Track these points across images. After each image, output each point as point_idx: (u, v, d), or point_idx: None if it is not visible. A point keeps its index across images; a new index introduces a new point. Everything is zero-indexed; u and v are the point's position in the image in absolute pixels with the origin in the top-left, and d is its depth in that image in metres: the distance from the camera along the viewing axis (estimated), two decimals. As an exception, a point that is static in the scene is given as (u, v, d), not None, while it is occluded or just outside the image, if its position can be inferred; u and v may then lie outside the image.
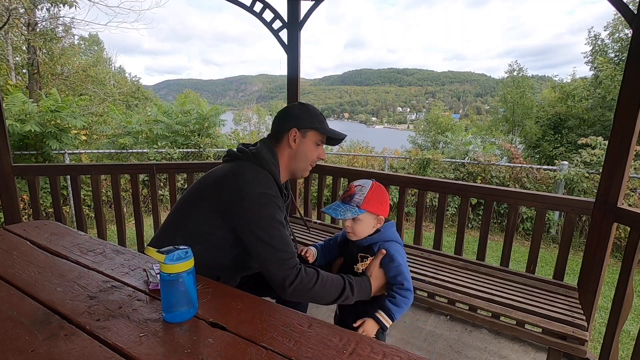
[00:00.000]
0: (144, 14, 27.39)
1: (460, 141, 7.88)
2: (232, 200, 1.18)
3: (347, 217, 1.24)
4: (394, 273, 1.25)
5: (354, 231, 1.28)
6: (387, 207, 1.29)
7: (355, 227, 1.27)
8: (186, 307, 0.91)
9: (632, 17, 1.68)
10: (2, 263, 1.19)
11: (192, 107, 7.30)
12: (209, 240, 1.23)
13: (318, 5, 2.65)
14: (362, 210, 1.23)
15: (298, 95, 2.88)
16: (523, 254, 4.50)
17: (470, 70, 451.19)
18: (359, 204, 1.23)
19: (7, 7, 7.41)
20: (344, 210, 1.24)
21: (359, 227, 1.27)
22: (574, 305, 1.78)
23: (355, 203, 1.24)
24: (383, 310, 1.23)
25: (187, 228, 1.26)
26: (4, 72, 8.64)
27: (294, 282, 1.13)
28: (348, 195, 1.27)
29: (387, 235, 1.30)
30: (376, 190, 1.27)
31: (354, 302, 1.23)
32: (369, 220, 1.27)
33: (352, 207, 1.24)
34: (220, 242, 1.24)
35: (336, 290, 1.19)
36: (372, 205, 1.25)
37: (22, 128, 4.88)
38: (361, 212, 1.23)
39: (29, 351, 0.78)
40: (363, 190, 1.26)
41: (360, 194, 1.25)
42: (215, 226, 1.22)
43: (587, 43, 10.96)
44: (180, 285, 0.89)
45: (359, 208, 1.23)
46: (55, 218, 2.65)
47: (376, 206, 1.26)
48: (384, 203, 1.28)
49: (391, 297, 1.25)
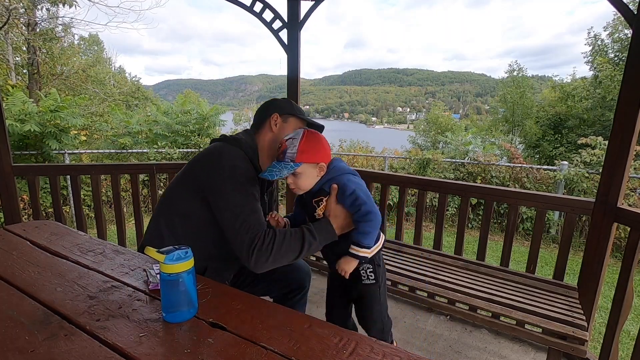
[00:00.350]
0: (144, 14, 27.38)
1: (460, 141, 7.88)
2: (203, 173, 1.23)
3: (284, 174, 1.16)
4: (350, 201, 1.19)
5: (299, 186, 1.21)
6: (326, 152, 1.22)
7: (298, 182, 1.20)
8: (186, 307, 0.91)
9: (632, 17, 1.68)
10: (2, 263, 1.19)
11: (192, 107, 7.30)
12: (190, 221, 1.26)
13: (318, 5, 2.65)
14: (298, 164, 1.16)
15: (298, 95, 2.88)
16: (523, 254, 4.50)
17: (470, 70, 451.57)
18: (293, 157, 1.15)
19: (7, 7, 7.41)
20: (279, 169, 1.16)
21: (302, 180, 1.20)
22: (574, 305, 1.78)
23: (290, 158, 1.16)
24: (353, 244, 1.19)
25: (169, 211, 1.30)
26: (4, 72, 8.64)
27: (255, 246, 1.12)
28: (281, 152, 1.18)
29: (334, 172, 1.23)
30: (308, 138, 1.18)
31: (321, 247, 1.20)
32: (310, 171, 1.19)
33: (287, 164, 1.16)
34: (200, 222, 1.26)
35: (296, 241, 1.16)
36: (308, 155, 1.17)
37: (21, 128, 4.88)
38: (297, 166, 1.16)
39: (29, 351, 0.78)
40: (294, 142, 1.17)
41: (292, 147, 1.16)
42: (193, 205, 1.25)
43: (587, 43, 10.97)
44: (180, 285, 0.89)
45: (294, 162, 1.15)
46: (55, 218, 2.65)
47: (312, 154, 1.18)
48: (321, 149, 1.20)
49: (356, 227, 1.21)
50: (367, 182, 2.77)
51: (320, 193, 1.24)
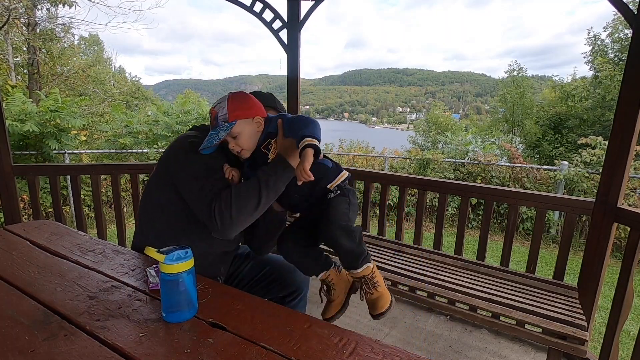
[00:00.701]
0: (144, 14, 27.38)
1: (460, 141, 7.88)
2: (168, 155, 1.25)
3: (222, 136, 1.11)
4: (289, 126, 1.15)
5: (242, 146, 1.15)
6: (258, 106, 1.19)
7: (240, 142, 1.15)
8: (186, 307, 0.91)
9: (632, 17, 1.68)
10: (2, 263, 1.19)
11: (192, 107, 7.30)
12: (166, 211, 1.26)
13: (318, 5, 2.65)
14: (232, 123, 1.11)
15: (298, 95, 2.88)
16: (523, 254, 4.50)
17: (470, 70, 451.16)
18: (226, 118, 1.12)
19: (7, 7, 7.41)
20: (216, 134, 1.12)
21: (243, 140, 1.15)
22: (574, 305, 1.78)
23: (222, 119, 1.12)
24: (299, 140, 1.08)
25: (150, 202, 1.31)
26: (4, 72, 8.64)
27: (215, 206, 1.10)
28: (213, 118, 1.15)
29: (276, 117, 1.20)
30: (236, 97, 1.16)
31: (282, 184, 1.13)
32: (248, 128, 1.15)
33: (222, 126, 1.12)
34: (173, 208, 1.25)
35: (253, 185, 1.13)
36: (240, 111, 1.13)
37: (21, 128, 4.88)
38: (232, 125, 1.11)
39: (29, 351, 0.78)
40: (222, 104, 1.14)
41: (222, 109, 1.14)
42: (165, 192, 1.25)
43: (587, 43, 10.97)
44: (180, 285, 0.89)
45: (228, 122, 1.11)
46: (55, 218, 2.65)
47: (244, 110, 1.14)
48: (253, 106, 1.17)
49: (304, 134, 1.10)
50: (367, 182, 2.79)
51: (268, 137, 1.19)
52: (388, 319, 2.38)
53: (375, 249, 2.46)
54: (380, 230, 2.78)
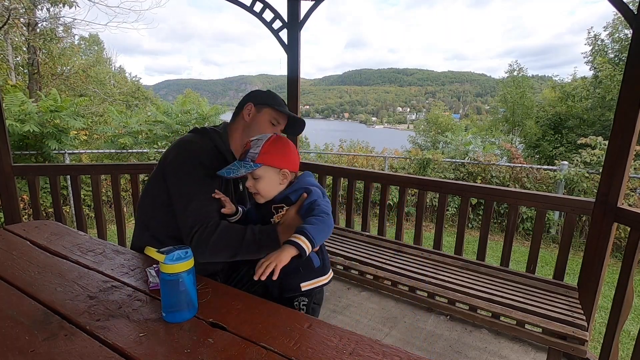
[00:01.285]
0: (144, 14, 27.39)
1: (460, 141, 7.88)
2: (166, 160, 1.25)
3: (241, 173, 1.07)
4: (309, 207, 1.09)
5: (258, 190, 1.12)
6: (292, 160, 1.13)
7: (258, 186, 1.11)
8: (186, 307, 0.91)
9: (632, 17, 1.68)
10: (2, 263, 1.19)
11: (192, 107, 7.30)
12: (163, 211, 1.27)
13: (318, 5, 2.65)
14: (257, 165, 1.07)
15: (298, 95, 2.88)
16: (523, 254, 4.49)
17: (471, 70, 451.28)
18: (254, 157, 1.07)
19: (7, 7, 7.41)
20: (237, 168, 1.08)
21: (262, 185, 1.10)
22: (574, 305, 1.78)
23: (250, 157, 1.07)
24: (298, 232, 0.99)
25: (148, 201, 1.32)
26: (4, 72, 8.64)
27: (195, 232, 1.12)
28: (244, 152, 1.10)
29: (303, 183, 1.14)
30: (275, 142, 1.10)
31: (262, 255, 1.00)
32: (272, 176, 1.10)
33: (246, 163, 1.07)
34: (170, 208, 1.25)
35: (236, 237, 1.13)
36: (271, 158, 1.08)
37: (21, 128, 4.88)
38: (257, 167, 1.07)
39: (29, 351, 0.78)
40: (259, 142, 1.09)
41: (255, 147, 1.08)
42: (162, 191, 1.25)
43: (587, 43, 10.96)
44: (180, 285, 0.89)
45: (254, 162, 1.07)
46: (55, 218, 2.65)
47: (276, 158, 1.09)
48: (287, 155, 1.11)
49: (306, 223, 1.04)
50: (367, 182, 2.79)
51: (284, 201, 1.14)
52: (388, 319, 2.39)
53: (375, 249, 2.46)
54: (380, 230, 2.78)
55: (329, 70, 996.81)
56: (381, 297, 2.64)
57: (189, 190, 1.18)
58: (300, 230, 1.00)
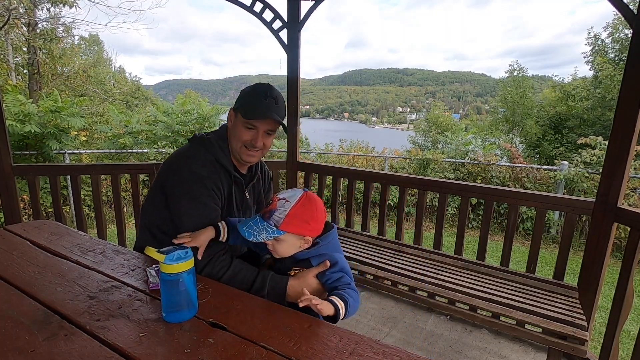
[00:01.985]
0: (144, 13, 27.40)
1: (460, 141, 7.88)
2: (167, 176, 1.24)
3: (261, 239, 1.04)
4: (339, 276, 1.08)
5: (276, 250, 1.10)
6: (316, 226, 1.09)
7: (276, 247, 1.08)
8: (186, 307, 0.91)
9: (632, 17, 1.68)
10: (2, 263, 1.19)
11: (192, 107, 7.30)
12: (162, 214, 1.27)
13: (318, 5, 2.65)
14: (280, 232, 1.03)
15: (298, 95, 2.88)
16: (523, 254, 4.49)
17: (471, 70, 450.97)
18: (278, 223, 1.02)
19: (7, 7, 7.41)
20: (259, 231, 1.03)
21: (281, 247, 1.08)
22: (574, 305, 1.78)
23: (275, 222, 1.03)
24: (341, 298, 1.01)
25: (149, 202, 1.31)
26: (4, 72, 8.64)
27: (207, 264, 1.14)
28: (268, 211, 1.05)
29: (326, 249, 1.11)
30: (303, 207, 1.04)
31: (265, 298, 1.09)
32: (293, 241, 1.07)
33: (269, 227, 1.03)
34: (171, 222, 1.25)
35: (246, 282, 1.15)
36: (295, 226, 1.03)
37: (22, 129, 4.88)
38: (280, 234, 1.03)
39: (29, 351, 0.78)
40: (286, 206, 1.04)
41: (281, 210, 1.03)
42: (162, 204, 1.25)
43: (587, 43, 10.96)
44: (180, 285, 0.89)
45: (277, 229, 1.02)
46: (55, 218, 2.65)
47: (300, 226, 1.04)
48: (311, 222, 1.06)
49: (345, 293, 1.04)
50: (367, 182, 2.79)
51: (303, 264, 1.12)
52: (388, 318, 2.39)
53: (375, 249, 2.46)
54: (380, 230, 2.78)
55: (329, 70, 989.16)
56: (381, 297, 2.64)
57: (192, 212, 1.18)
58: (342, 298, 1.01)
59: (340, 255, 1.14)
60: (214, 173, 1.23)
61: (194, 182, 1.19)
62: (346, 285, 1.07)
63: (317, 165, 3.46)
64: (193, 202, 1.18)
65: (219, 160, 1.26)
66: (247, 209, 1.40)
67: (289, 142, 3.01)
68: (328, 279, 1.09)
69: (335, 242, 1.15)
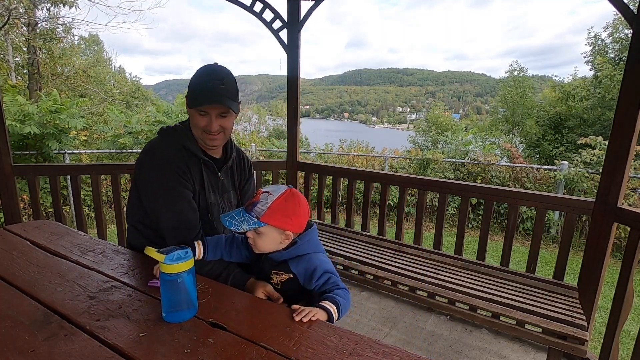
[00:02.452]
0: (144, 13, 27.40)
1: (460, 141, 7.88)
2: (137, 169, 1.26)
3: (242, 229, 1.04)
4: (324, 279, 1.08)
5: (256, 244, 1.09)
6: (298, 222, 1.09)
7: (257, 240, 1.08)
8: (186, 307, 0.91)
9: (632, 17, 1.68)
10: (2, 263, 1.19)
11: (192, 107, 7.28)
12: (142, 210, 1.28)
13: (318, 5, 2.65)
14: (261, 223, 1.03)
15: (298, 94, 2.88)
16: (523, 254, 4.49)
17: (471, 70, 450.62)
18: (260, 214, 1.03)
19: (7, 7, 7.41)
20: (240, 221, 1.04)
21: (261, 241, 1.08)
22: (574, 305, 1.78)
23: (256, 213, 1.04)
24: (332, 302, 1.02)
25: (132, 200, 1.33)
26: (4, 72, 8.64)
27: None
28: (251, 203, 1.07)
29: (304, 249, 1.10)
30: (285, 201, 1.05)
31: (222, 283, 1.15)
32: (273, 235, 1.07)
33: (251, 218, 1.04)
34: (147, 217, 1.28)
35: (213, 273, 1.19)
36: (276, 219, 1.04)
37: (21, 129, 4.88)
38: (260, 225, 1.04)
39: (29, 351, 0.78)
40: (269, 199, 1.05)
41: (264, 202, 1.04)
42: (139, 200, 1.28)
43: (587, 43, 10.96)
44: (180, 285, 0.89)
45: (258, 220, 1.03)
46: (55, 218, 2.65)
47: (281, 220, 1.05)
48: (293, 217, 1.07)
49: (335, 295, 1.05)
50: (367, 182, 2.79)
51: (282, 267, 1.11)
52: (388, 318, 2.39)
53: (375, 249, 2.46)
54: (380, 230, 2.78)
55: (329, 70, 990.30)
56: (381, 297, 2.64)
57: (163, 200, 1.20)
58: (333, 301, 1.02)
59: (321, 256, 1.12)
60: (180, 158, 1.24)
61: (161, 170, 1.20)
62: (334, 286, 1.07)
63: (317, 165, 3.46)
64: (162, 189, 1.19)
65: (185, 146, 1.26)
66: (225, 192, 1.38)
67: (289, 142, 3.01)
68: (315, 287, 1.08)
69: (315, 240, 1.14)
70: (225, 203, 1.36)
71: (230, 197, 1.40)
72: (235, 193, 1.43)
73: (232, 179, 1.42)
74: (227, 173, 1.40)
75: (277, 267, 1.12)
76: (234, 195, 1.42)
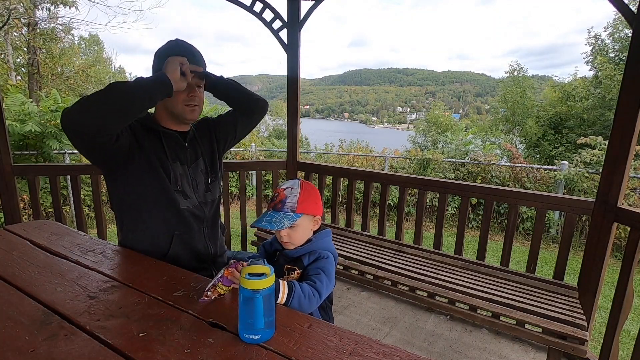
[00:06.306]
0: (145, 13, 27.41)
1: (460, 141, 7.88)
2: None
3: (285, 226, 1.08)
4: (315, 272, 1.10)
5: (292, 239, 1.13)
6: (321, 204, 1.17)
7: (293, 235, 1.12)
8: (266, 326, 0.83)
9: (632, 17, 1.68)
10: (2, 263, 1.19)
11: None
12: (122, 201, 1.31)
13: (318, 5, 2.65)
14: (298, 215, 1.09)
15: (298, 94, 2.88)
16: (523, 254, 4.49)
17: (471, 70, 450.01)
18: (294, 208, 1.09)
19: (7, 7, 7.41)
20: (279, 219, 1.08)
21: (297, 233, 1.12)
22: (574, 305, 1.78)
23: (290, 208, 1.09)
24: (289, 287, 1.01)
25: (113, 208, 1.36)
26: (4, 72, 8.64)
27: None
28: (279, 201, 1.11)
29: (319, 245, 1.15)
30: (307, 190, 1.13)
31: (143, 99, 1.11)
32: (307, 224, 1.14)
33: (287, 214, 1.08)
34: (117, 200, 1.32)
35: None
36: (309, 207, 1.11)
37: (22, 128, 4.88)
38: (298, 217, 1.09)
39: (29, 351, 0.78)
40: (294, 192, 1.11)
41: (292, 196, 1.10)
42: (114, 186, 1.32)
43: (587, 43, 10.96)
44: (260, 302, 0.81)
45: (295, 213, 1.09)
46: (55, 218, 2.65)
47: (312, 207, 1.13)
48: (318, 201, 1.16)
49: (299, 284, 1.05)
50: (367, 182, 2.79)
51: (297, 262, 1.14)
52: (388, 318, 2.39)
53: (375, 249, 2.46)
54: (380, 230, 2.78)
55: (330, 70, 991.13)
56: (381, 297, 2.64)
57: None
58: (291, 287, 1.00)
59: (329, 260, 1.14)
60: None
61: None
62: (311, 281, 1.08)
63: (317, 165, 3.46)
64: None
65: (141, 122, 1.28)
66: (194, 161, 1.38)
67: (289, 142, 3.01)
68: (307, 272, 1.13)
69: (328, 240, 1.18)
70: (197, 173, 1.37)
71: (200, 165, 1.40)
72: (203, 160, 1.41)
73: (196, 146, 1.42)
74: (193, 142, 1.41)
75: (291, 263, 1.15)
76: (202, 162, 1.41)
